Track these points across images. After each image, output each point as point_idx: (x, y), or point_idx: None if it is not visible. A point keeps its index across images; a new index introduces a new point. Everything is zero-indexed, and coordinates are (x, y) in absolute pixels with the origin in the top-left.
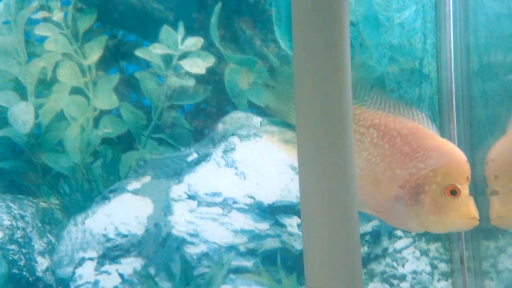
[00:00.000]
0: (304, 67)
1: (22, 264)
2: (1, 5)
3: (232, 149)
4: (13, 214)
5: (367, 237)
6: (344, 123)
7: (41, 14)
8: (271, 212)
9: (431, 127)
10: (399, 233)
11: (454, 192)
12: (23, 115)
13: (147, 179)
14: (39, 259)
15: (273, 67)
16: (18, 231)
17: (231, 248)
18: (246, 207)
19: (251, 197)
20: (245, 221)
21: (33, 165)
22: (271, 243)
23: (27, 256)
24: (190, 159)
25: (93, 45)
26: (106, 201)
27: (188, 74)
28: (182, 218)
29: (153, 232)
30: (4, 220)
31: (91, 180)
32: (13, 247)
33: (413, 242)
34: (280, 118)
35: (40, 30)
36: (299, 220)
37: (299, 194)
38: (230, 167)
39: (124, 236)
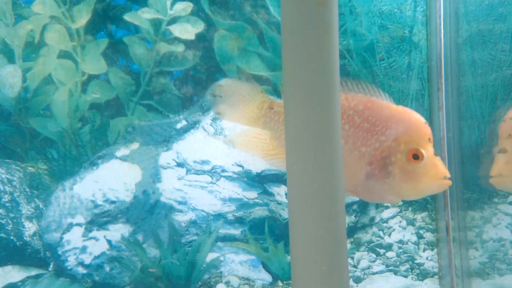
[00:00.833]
0: (292, 27)
1: (10, 229)
2: None
3: None
4: (1, 178)
5: (354, 207)
6: (332, 88)
7: None
8: (260, 181)
9: (384, 96)
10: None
11: (417, 156)
12: (11, 78)
13: (136, 146)
14: (27, 224)
15: (263, 34)
16: (6, 196)
17: (219, 216)
18: (235, 176)
19: (240, 166)
20: (234, 190)
21: (21, 130)
22: (259, 212)
23: (15, 221)
24: (179, 126)
25: (82, 8)
26: (94, 167)
27: (177, 40)
28: (171, 186)
29: (141, 199)
30: None
31: (79, 146)
32: (1, 211)
33: (400, 212)
34: (270, 86)
35: None
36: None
37: (286, 166)
38: (219, 135)
39: (112, 203)
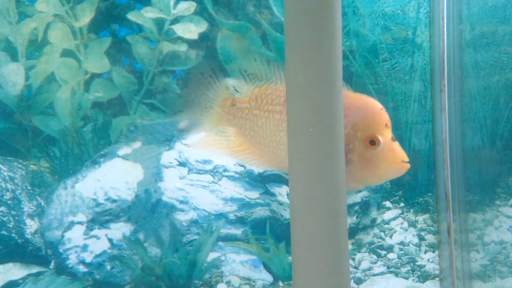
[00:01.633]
0: (295, 27)
1: (11, 226)
2: None
3: None
4: (3, 176)
5: (356, 208)
6: (335, 89)
7: None
8: (261, 181)
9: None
10: (388, 204)
11: (373, 142)
12: (14, 76)
13: (138, 145)
14: (28, 222)
15: (266, 34)
16: (8, 193)
17: (221, 216)
18: (237, 175)
19: (242, 165)
20: (235, 189)
21: (23, 127)
22: (261, 212)
23: (16, 218)
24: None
25: (85, 7)
26: (96, 166)
27: (181, 39)
28: (172, 185)
29: (143, 198)
30: None
31: (82, 144)
32: (2, 209)
33: (401, 213)
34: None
35: None
36: (288, 189)
37: (288, 167)
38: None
39: (114, 201)
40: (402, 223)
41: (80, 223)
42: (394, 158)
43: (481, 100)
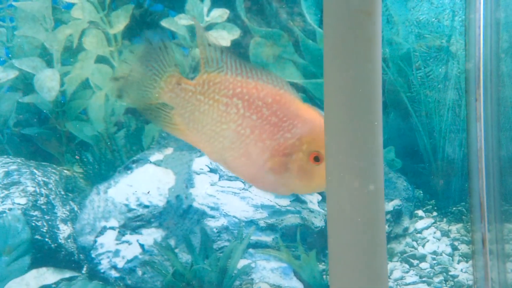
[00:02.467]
0: (335, 36)
1: (45, 231)
2: None
3: None
4: (37, 181)
5: (388, 216)
6: (375, 100)
7: None
8: None
9: (292, 91)
10: (420, 213)
11: (317, 159)
12: (49, 82)
13: (170, 151)
14: (62, 227)
15: (298, 41)
16: (42, 198)
17: (251, 223)
18: None
19: None
20: (266, 196)
21: (58, 133)
22: (291, 219)
23: (50, 223)
24: None
25: (120, 14)
26: (129, 171)
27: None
28: (203, 191)
29: (174, 204)
30: (28, 187)
31: (114, 150)
32: (36, 214)
33: (434, 223)
34: (304, 94)
35: None
36: (320, 197)
37: (326, 174)
38: None
39: (146, 207)
40: (435, 233)
41: (112, 228)
42: None
43: None
